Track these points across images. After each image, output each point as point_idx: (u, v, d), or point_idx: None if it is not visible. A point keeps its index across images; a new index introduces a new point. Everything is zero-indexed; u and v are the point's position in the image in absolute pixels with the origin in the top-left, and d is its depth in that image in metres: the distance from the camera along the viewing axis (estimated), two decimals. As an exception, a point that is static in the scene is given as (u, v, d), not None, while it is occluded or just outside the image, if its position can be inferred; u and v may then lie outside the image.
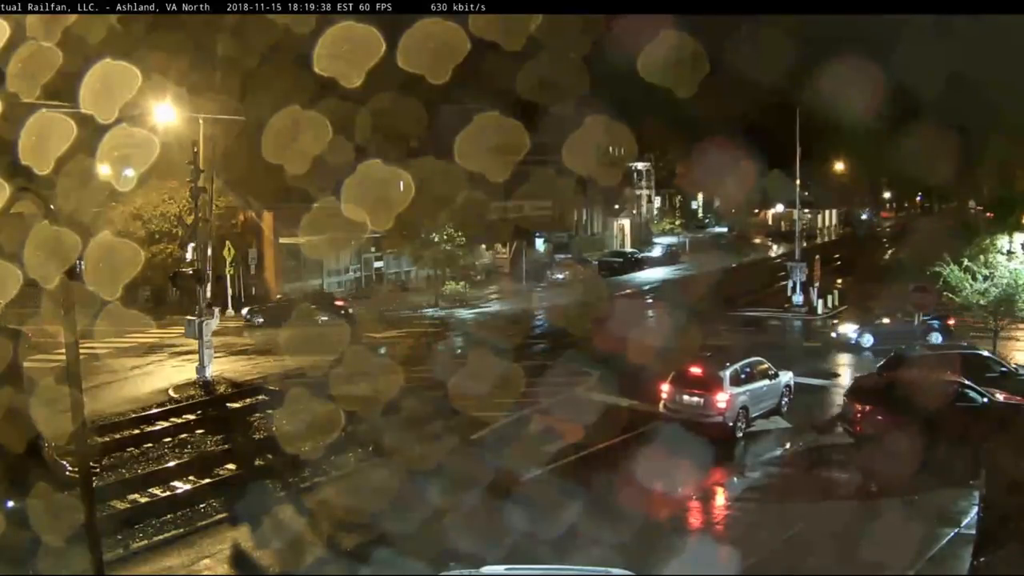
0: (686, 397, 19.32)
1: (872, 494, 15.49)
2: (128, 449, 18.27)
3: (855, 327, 30.10)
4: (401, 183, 23.46)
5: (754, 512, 15.86)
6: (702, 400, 19.07)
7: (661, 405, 19.83)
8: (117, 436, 18.93)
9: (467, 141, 21.94)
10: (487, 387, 20.56)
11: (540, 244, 54.14)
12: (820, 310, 37.27)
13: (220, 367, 25.24)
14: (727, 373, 19.37)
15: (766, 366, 20.65)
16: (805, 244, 55.67)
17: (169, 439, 19.10)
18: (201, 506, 15.21)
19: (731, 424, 19.07)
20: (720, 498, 16.66)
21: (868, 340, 29.20)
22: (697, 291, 41.24)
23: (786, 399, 20.99)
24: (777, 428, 20.15)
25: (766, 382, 20.33)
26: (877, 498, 15.28)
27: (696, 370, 19.75)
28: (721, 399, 18.93)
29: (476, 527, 14.30)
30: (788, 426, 20.30)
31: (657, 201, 77.04)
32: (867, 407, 18.50)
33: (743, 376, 19.73)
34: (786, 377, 21.11)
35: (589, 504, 14.56)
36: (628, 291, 46.69)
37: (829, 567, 12.72)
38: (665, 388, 19.80)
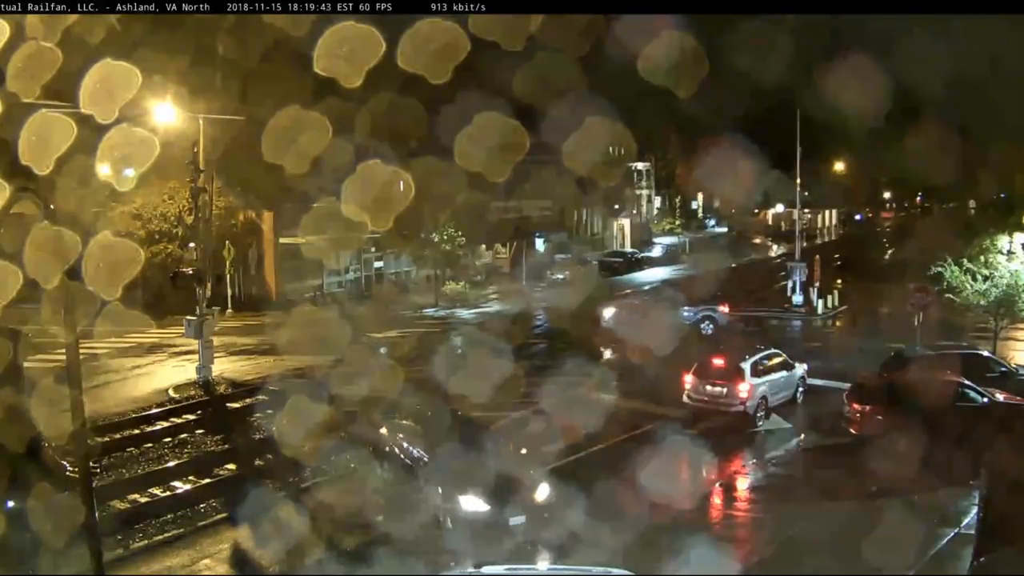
0: (709, 387, 20.25)
1: (872, 494, 15.48)
2: (128, 449, 18.27)
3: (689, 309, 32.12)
4: (401, 183, 23.48)
5: (754, 512, 15.88)
6: (725, 390, 19.98)
7: (684, 395, 20.73)
8: (117, 436, 18.92)
9: (467, 141, 21.97)
10: (487, 387, 20.53)
11: (540, 244, 54.11)
12: (820, 310, 37.32)
13: (220, 367, 25.22)
14: (748, 364, 20.26)
15: (783, 358, 21.67)
16: (805, 244, 55.70)
17: (169, 439, 19.10)
18: (201, 506, 15.21)
19: (752, 413, 19.84)
20: (720, 498, 16.66)
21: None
22: (697, 291, 41.19)
23: (801, 389, 21.90)
24: (777, 428, 20.20)
25: (783, 373, 21.25)
26: (877, 498, 15.26)
27: (718, 361, 20.70)
28: (743, 388, 19.81)
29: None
30: (788, 426, 20.34)
31: (657, 201, 76.98)
32: (867, 407, 18.54)
33: (762, 367, 20.59)
34: (801, 369, 22.09)
35: (588, 504, 14.53)
36: (628, 291, 46.67)
37: (829, 567, 12.72)
38: (688, 379, 20.72)
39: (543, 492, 14.27)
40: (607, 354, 28.64)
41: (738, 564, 13.22)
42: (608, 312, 31.85)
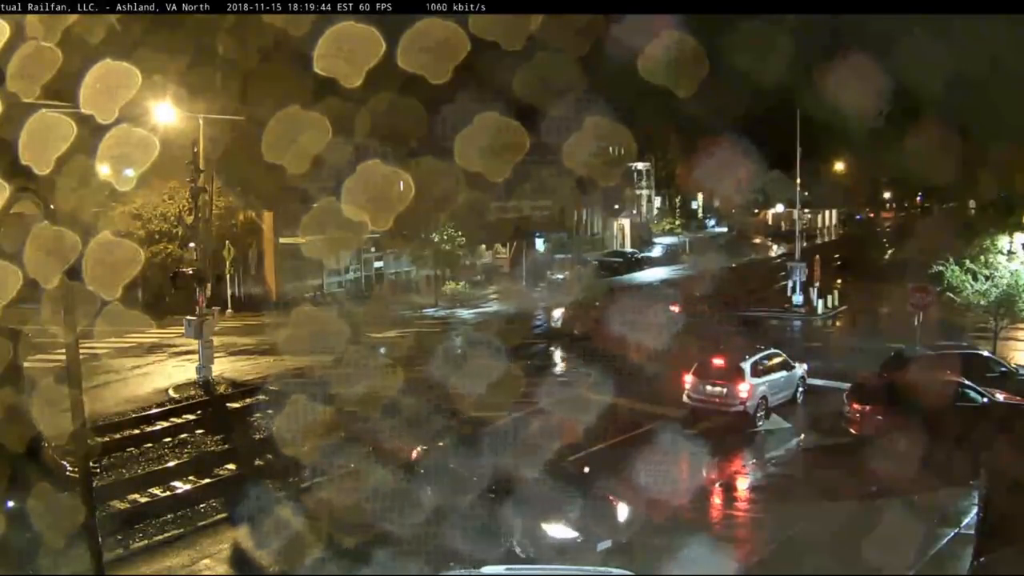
0: (709, 387, 20.30)
1: (872, 494, 15.48)
2: (128, 449, 18.28)
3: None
4: (401, 183, 23.44)
5: (754, 512, 15.88)
6: (725, 390, 20.03)
7: (684, 395, 20.76)
8: (117, 436, 18.93)
9: (467, 141, 21.95)
10: (486, 387, 20.55)
11: (540, 244, 54.12)
12: (820, 310, 37.32)
13: (220, 367, 25.23)
14: (748, 364, 20.28)
15: (783, 358, 21.71)
16: (805, 244, 55.71)
17: (169, 439, 19.11)
18: (201, 506, 15.22)
19: (752, 413, 19.88)
20: (720, 498, 16.66)
21: None
22: (697, 291, 41.22)
23: (801, 389, 21.94)
24: (777, 428, 20.20)
25: (783, 373, 21.30)
26: (877, 498, 15.27)
27: (719, 361, 20.69)
28: (743, 389, 19.85)
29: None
30: (788, 426, 20.35)
31: (657, 201, 76.96)
32: (867, 407, 18.55)
33: (762, 367, 20.64)
34: (801, 369, 22.13)
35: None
36: (628, 291, 46.64)
37: (829, 567, 12.72)
38: (688, 378, 20.72)
39: (624, 512, 13.64)
40: (559, 355, 29.53)
41: (738, 564, 13.22)
42: (556, 313, 34.07)
